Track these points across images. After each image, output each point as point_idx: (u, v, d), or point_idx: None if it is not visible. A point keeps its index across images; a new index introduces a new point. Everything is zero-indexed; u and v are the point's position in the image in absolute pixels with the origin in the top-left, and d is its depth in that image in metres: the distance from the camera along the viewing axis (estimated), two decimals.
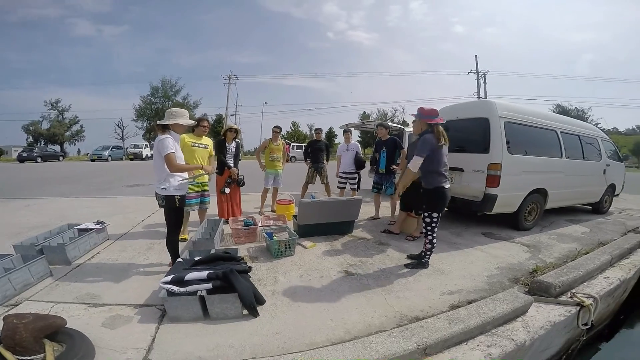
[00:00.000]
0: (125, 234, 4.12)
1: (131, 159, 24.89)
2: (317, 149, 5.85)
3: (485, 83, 29.84)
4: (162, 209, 2.80)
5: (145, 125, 36.63)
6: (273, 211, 5.31)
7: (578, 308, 2.51)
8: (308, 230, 3.95)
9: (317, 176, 5.83)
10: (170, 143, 2.62)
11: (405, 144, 6.42)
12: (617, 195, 6.74)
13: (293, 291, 2.57)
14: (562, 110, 39.62)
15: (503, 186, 4.10)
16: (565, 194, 5.15)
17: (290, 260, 3.23)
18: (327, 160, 6.06)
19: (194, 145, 3.85)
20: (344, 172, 5.59)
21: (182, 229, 3.41)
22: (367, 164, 6.04)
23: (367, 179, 6.49)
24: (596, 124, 34.19)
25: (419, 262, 3.17)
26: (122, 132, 38.46)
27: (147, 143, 29.72)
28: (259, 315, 2.17)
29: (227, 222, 4.24)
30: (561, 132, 5.04)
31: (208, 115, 38.71)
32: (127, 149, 28.48)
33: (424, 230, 3.14)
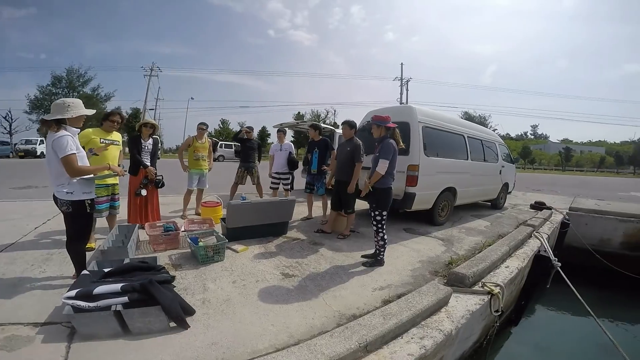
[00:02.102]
0: (13, 245, 3.48)
1: (21, 157, 20.93)
2: (248, 148, 5.77)
3: (407, 90, 32.85)
4: (63, 215, 2.46)
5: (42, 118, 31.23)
6: (198, 214, 5.06)
7: (489, 296, 2.82)
8: (239, 234, 3.88)
9: (248, 176, 5.74)
10: (70, 142, 2.29)
11: (336, 145, 6.73)
12: (510, 192, 8.13)
13: (226, 298, 2.52)
14: (468, 117, 46.07)
15: (420, 185, 4.65)
16: (471, 191, 6.05)
17: (220, 266, 3.13)
18: (259, 160, 6.01)
19: (102, 143, 3.45)
20: (276, 173, 5.63)
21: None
22: (301, 164, 6.17)
23: (301, 179, 6.62)
24: (494, 130, 40.63)
25: (375, 260, 3.39)
26: (10, 125, 32.15)
27: (44, 139, 25.28)
28: (189, 326, 2.07)
29: (143, 227, 3.89)
30: (467, 136, 5.90)
31: (122, 109, 35.11)
32: (16, 145, 23.95)
33: (374, 229, 3.39)
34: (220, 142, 26.26)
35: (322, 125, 6.69)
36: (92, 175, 2.54)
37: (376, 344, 1.97)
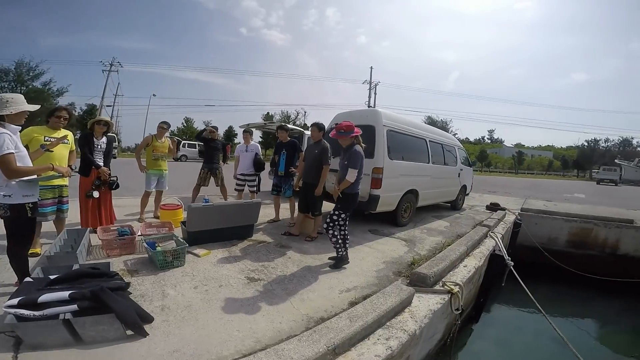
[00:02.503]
0: None
1: None
2: (212, 148, 5.62)
3: (375, 93, 33.66)
4: (2, 219, 2.25)
5: None
6: (157, 217, 4.85)
7: (449, 295, 2.93)
8: (200, 237, 3.77)
9: (212, 178, 5.59)
10: (6, 140, 2.10)
11: (304, 147, 6.77)
12: (468, 194, 8.62)
13: (188, 304, 2.44)
14: (431, 121, 48.25)
15: (384, 188, 4.81)
16: (432, 193, 6.34)
17: (180, 271, 3.03)
18: (225, 161, 5.88)
19: (46, 141, 3.19)
20: (242, 174, 5.55)
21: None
22: (268, 165, 6.13)
23: (268, 181, 6.57)
24: (454, 134, 42.91)
25: (338, 258, 3.46)
26: None
27: None
28: (148, 334, 1.99)
29: (95, 231, 3.66)
30: (429, 140, 6.19)
31: (77, 105, 33.24)
32: None
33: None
34: (183, 142, 25.46)
35: (291, 126, 6.70)
36: (35, 177, 2.36)
37: (344, 346, 1.99)
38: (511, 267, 4.28)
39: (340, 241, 3.42)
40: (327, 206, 4.67)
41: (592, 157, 49.26)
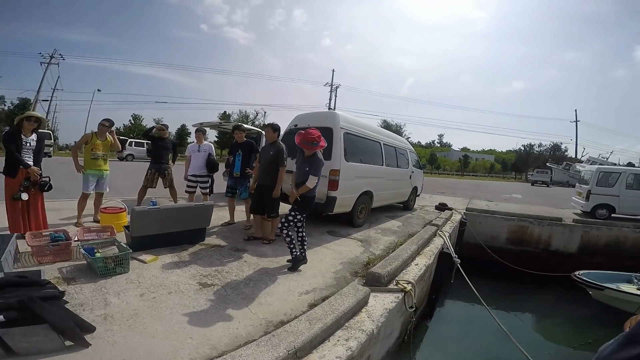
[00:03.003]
0: None
1: None
2: (160, 148, 5.35)
3: (336, 96, 34.13)
4: None
5: None
6: (96, 222, 4.50)
7: (403, 294, 3.03)
8: (146, 242, 3.57)
9: (160, 179, 5.31)
10: None
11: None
12: (419, 195, 9.11)
13: (134, 312, 2.31)
14: (386, 125, 49.99)
15: (341, 189, 4.93)
16: (386, 195, 6.61)
17: (124, 279, 2.85)
18: (174, 161, 5.62)
19: None
20: (193, 175, 5.33)
21: None
22: (223, 166, 5.97)
23: (223, 183, 6.39)
24: (408, 138, 45.03)
25: (294, 259, 3.47)
26: None
27: None
28: (90, 344, 1.87)
29: (23, 237, 3.31)
30: (383, 143, 6.46)
31: (7, 99, 31.08)
32: None
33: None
34: (129, 140, 23.89)
35: (248, 126, 6.59)
36: None
37: (305, 349, 1.98)
38: (458, 265, 4.60)
39: (294, 241, 3.46)
40: (284, 207, 4.67)
41: (528, 160, 54.40)
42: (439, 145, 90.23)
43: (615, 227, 7.83)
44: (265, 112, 47.83)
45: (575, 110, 42.20)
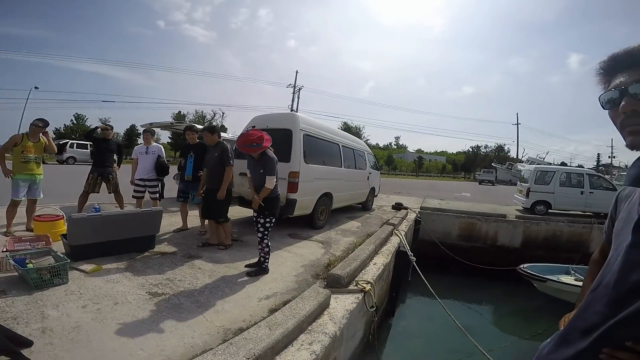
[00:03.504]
0: None
1: None
2: (104, 150, 4.97)
3: (298, 97, 33.98)
4: None
5: None
6: (29, 230, 4.08)
7: (363, 294, 3.06)
8: (87, 251, 3.32)
9: (104, 183, 4.92)
10: None
11: None
12: (376, 195, 9.37)
13: (76, 325, 2.15)
14: (346, 127, 50.96)
15: (301, 192, 4.91)
16: (345, 196, 6.72)
17: (63, 290, 2.63)
18: (119, 165, 5.24)
19: None
20: (141, 179, 5.01)
21: None
22: (176, 169, 5.67)
23: (175, 187, 6.10)
24: (367, 140, 46.19)
25: (259, 268, 3.37)
26: None
27: None
28: (29, 359, 1.69)
29: None
30: (342, 145, 6.56)
31: None
32: None
33: (259, 236, 3.37)
34: (70, 142, 21.92)
35: (202, 127, 6.32)
36: None
37: (266, 356, 1.95)
38: (414, 262, 4.78)
39: (266, 249, 3.40)
40: (241, 211, 4.57)
41: (475, 161, 58.57)
42: (395, 147, 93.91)
43: (552, 222, 8.64)
44: (223, 113, 46.56)
45: (517, 113, 45.94)
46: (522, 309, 6.30)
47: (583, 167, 16.94)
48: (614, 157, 45.96)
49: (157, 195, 5.16)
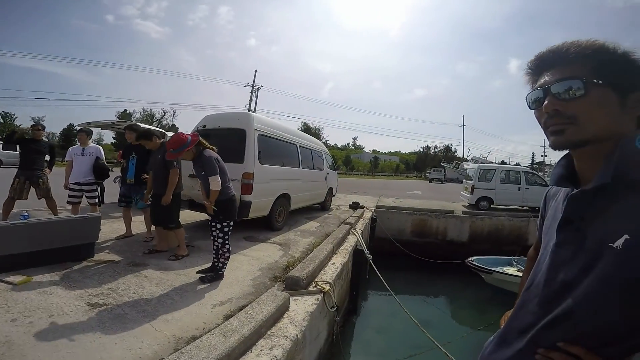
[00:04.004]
0: None
1: None
2: (32, 152, 4.46)
3: (257, 97, 33.10)
4: None
5: None
6: None
7: (322, 295, 3.03)
8: (14, 262, 2.98)
9: (33, 188, 4.41)
10: None
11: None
12: (334, 195, 9.46)
13: (6, 340, 1.95)
14: (306, 128, 50.96)
15: (256, 193, 4.77)
16: (303, 196, 6.70)
17: None
18: (51, 167, 4.73)
19: None
20: (76, 183, 4.54)
21: None
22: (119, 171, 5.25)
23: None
24: (325, 141, 46.60)
25: (213, 273, 3.20)
26: None
27: None
28: None
29: None
30: (300, 146, 6.53)
31: None
32: None
33: (218, 242, 3.21)
34: None
35: (145, 126, 5.93)
36: None
37: None
38: (370, 260, 4.86)
39: (226, 254, 3.25)
40: (191, 215, 4.33)
41: (426, 160, 61.77)
42: (353, 147, 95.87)
43: (495, 216, 9.32)
44: (174, 112, 44.20)
45: (463, 115, 49.35)
46: (474, 301, 6.66)
47: (520, 165, 18.60)
48: (546, 155, 50.84)
49: (97, 200, 4.72)
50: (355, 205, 8.89)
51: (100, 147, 4.88)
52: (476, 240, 9.00)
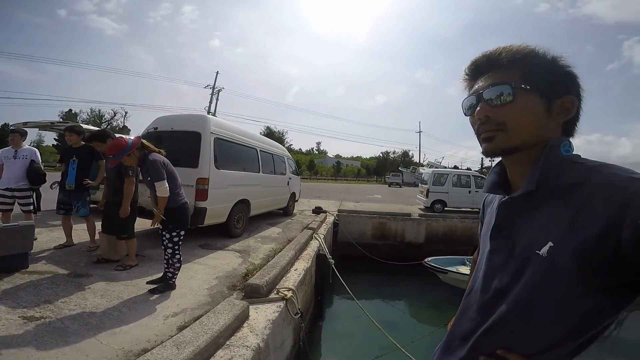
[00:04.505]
0: None
1: None
2: None
3: (217, 99, 31.91)
4: None
5: None
6: None
7: (284, 302, 2.97)
8: None
9: None
10: None
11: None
12: (297, 200, 9.39)
13: None
14: (269, 132, 50.33)
15: (211, 199, 4.57)
16: (264, 202, 6.55)
17: None
18: None
19: None
20: (7, 189, 4.06)
21: None
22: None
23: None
24: (290, 145, 46.27)
25: (165, 284, 3.03)
26: None
27: None
28: None
29: None
30: (260, 150, 6.39)
31: None
32: None
33: (168, 252, 3.01)
34: None
35: (88, 127, 5.47)
36: None
37: None
38: (332, 265, 4.86)
39: (177, 264, 3.06)
40: (140, 222, 4.06)
41: (385, 165, 63.82)
42: (317, 152, 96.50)
43: (448, 218, 9.77)
44: (126, 113, 41.63)
45: (419, 122, 51.47)
46: (432, 300, 6.88)
47: (470, 170, 19.79)
48: (492, 160, 54.43)
49: (32, 207, 4.24)
50: (318, 210, 8.90)
51: (36, 150, 4.39)
52: (432, 241, 9.36)
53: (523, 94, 0.64)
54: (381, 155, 68.78)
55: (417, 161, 53.93)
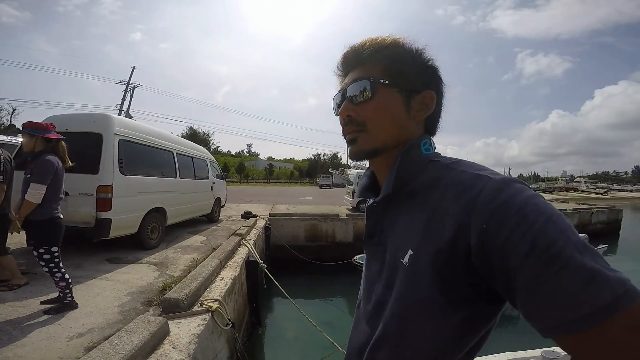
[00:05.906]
0: None
1: None
2: None
3: (132, 97, 28.48)
4: None
5: None
6: None
7: (210, 314, 2.82)
8: None
9: None
10: None
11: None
12: (223, 205, 8.91)
13: None
14: (192, 133, 47.28)
15: (117, 209, 4.05)
16: (183, 209, 6.03)
17: None
18: None
19: None
20: None
21: None
22: None
23: None
24: (216, 147, 43.99)
25: (62, 304, 2.65)
26: None
27: None
28: None
29: None
30: (177, 153, 5.85)
31: None
32: None
33: (45, 270, 2.57)
34: None
35: None
36: None
37: None
38: (265, 269, 4.65)
39: (70, 284, 2.65)
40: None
41: (317, 167, 65.05)
42: (247, 154, 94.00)
43: None
44: (14, 110, 35.16)
45: None
46: None
47: None
48: None
49: None
50: (247, 215, 8.56)
51: None
52: (359, 240, 9.54)
53: (382, 89, 0.58)
54: (313, 157, 69.96)
55: (346, 163, 56.03)
